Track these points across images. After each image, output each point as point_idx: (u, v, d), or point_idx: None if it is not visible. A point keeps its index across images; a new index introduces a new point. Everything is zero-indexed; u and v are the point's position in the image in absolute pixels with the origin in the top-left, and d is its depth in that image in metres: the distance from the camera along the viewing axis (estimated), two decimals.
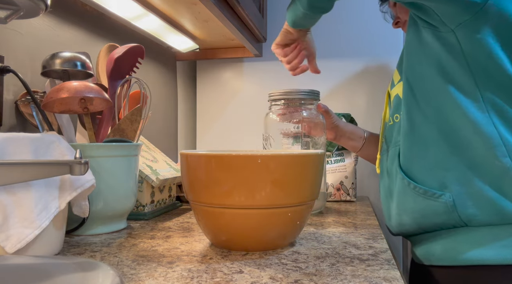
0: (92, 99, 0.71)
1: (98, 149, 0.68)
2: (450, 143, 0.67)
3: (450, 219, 0.68)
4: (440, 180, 0.68)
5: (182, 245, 0.63)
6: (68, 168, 0.49)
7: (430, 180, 0.69)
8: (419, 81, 0.71)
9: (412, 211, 0.72)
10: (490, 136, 0.64)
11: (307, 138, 0.92)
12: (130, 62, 0.80)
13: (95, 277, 0.35)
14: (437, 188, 0.68)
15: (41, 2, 0.47)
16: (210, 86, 1.54)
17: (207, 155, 0.57)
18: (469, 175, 0.66)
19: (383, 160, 0.83)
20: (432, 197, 0.68)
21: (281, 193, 0.56)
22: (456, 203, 0.66)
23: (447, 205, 0.67)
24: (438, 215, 0.68)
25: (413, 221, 0.73)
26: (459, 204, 0.66)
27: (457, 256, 0.67)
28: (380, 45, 1.37)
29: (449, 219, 0.68)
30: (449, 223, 0.68)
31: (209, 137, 1.54)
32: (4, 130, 0.73)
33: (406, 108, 0.72)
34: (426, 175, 0.70)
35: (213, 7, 0.93)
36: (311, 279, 0.47)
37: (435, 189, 0.68)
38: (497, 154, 0.63)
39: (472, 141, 0.65)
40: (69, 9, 0.90)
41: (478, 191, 0.65)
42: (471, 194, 0.66)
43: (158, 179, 0.85)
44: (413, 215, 0.72)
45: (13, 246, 0.49)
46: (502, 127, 0.64)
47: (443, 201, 0.67)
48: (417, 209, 0.71)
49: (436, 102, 0.68)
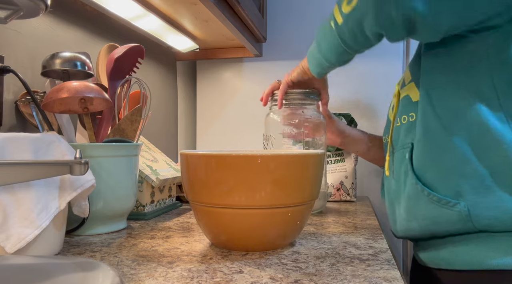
0: (92, 99, 0.71)
1: (98, 149, 0.68)
2: (467, 150, 0.65)
3: (464, 227, 0.66)
4: (455, 188, 0.66)
5: (182, 245, 0.63)
6: (68, 168, 0.49)
7: (445, 187, 0.67)
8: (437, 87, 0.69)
9: (423, 218, 0.70)
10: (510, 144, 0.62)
11: (308, 138, 0.92)
12: (130, 62, 0.80)
13: (95, 277, 0.35)
14: (451, 196, 0.66)
15: (41, 2, 0.47)
16: (210, 86, 1.54)
17: (207, 155, 0.57)
18: (487, 184, 0.63)
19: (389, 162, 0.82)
20: (446, 205, 0.66)
21: (281, 193, 0.56)
22: (471, 212, 0.64)
23: (461, 214, 0.65)
24: (452, 224, 0.67)
25: (423, 227, 0.71)
26: (474, 213, 0.64)
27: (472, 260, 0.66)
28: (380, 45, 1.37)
29: (463, 227, 0.66)
30: (462, 230, 0.67)
31: (209, 137, 1.54)
32: (4, 130, 0.73)
33: (422, 112, 0.70)
34: (441, 182, 0.67)
35: (213, 7, 0.93)
36: (311, 279, 0.47)
37: (450, 197, 0.66)
38: None
39: (490, 149, 0.63)
40: (69, 9, 0.90)
41: (495, 201, 0.63)
42: (488, 204, 0.63)
43: (158, 179, 0.85)
44: (424, 222, 0.70)
45: (13, 246, 0.49)
46: None
47: (457, 210, 0.65)
48: (428, 216, 0.69)
49: (454, 107, 0.66)
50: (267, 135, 0.93)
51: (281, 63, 1.46)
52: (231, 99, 1.52)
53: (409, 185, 0.71)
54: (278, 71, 1.46)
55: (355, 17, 0.66)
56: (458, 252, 0.68)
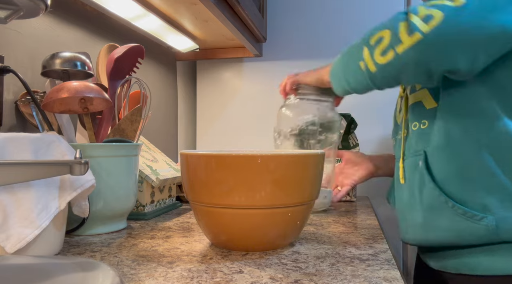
0: (92, 99, 0.71)
1: (98, 149, 0.68)
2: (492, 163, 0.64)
3: (490, 240, 0.65)
4: (482, 202, 0.64)
5: (182, 245, 0.63)
6: (68, 168, 0.49)
7: (471, 200, 0.65)
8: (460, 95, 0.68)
9: (446, 230, 0.68)
10: None
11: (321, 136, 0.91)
12: (130, 62, 0.80)
13: (95, 277, 0.35)
14: (479, 209, 0.65)
15: (41, 2, 0.47)
16: (210, 86, 1.54)
17: (207, 155, 0.57)
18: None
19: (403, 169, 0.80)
20: (472, 218, 0.65)
21: (281, 193, 0.56)
22: (499, 226, 0.63)
23: (488, 228, 0.64)
24: (477, 237, 0.65)
25: (443, 238, 0.70)
26: (503, 228, 0.63)
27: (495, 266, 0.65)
28: None
29: (489, 240, 0.65)
30: (486, 242, 0.66)
31: (209, 137, 1.54)
32: (4, 130, 0.73)
33: (443, 120, 0.69)
34: (467, 195, 0.66)
35: (213, 7, 0.93)
36: (311, 279, 0.47)
37: (477, 210, 0.65)
38: None
39: None
40: (69, 9, 0.90)
41: None
42: None
43: (158, 179, 0.85)
44: (447, 234, 0.69)
45: (13, 246, 0.49)
46: None
47: (484, 224, 0.64)
48: (452, 228, 0.67)
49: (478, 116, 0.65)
50: (278, 129, 0.92)
51: (281, 63, 1.46)
52: (231, 99, 1.52)
53: (429, 195, 0.70)
54: (278, 71, 1.46)
55: (391, 71, 0.65)
56: (481, 261, 0.67)
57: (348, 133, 1.13)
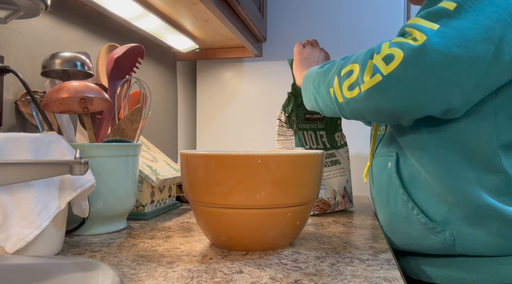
0: (92, 99, 0.71)
1: (98, 149, 0.68)
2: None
3: (446, 253, 0.65)
4: (444, 215, 0.64)
5: (182, 245, 0.63)
6: (68, 168, 0.49)
7: (433, 211, 0.65)
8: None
9: (408, 237, 0.68)
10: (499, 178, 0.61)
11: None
12: (130, 62, 0.80)
13: (95, 277, 0.35)
14: (440, 222, 0.64)
15: (41, 2, 0.47)
16: (210, 86, 1.54)
17: (207, 155, 0.57)
18: (479, 215, 0.61)
19: (369, 168, 0.81)
20: (432, 230, 0.65)
21: (281, 193, 0.56)
22: (456, 242, 0.63)
23: (446, 242, 0.64)
24: (435, 249, 0.65)
25: (404, 244, 0.70)
26: (459, 243, 0.63)
27: (453, 276, 0.66)
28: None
29: (445, 253, 0.65)
30: (444, 254, 0.66)
31: (209, 137, 1.54)
32: (4, 130, 0.73)
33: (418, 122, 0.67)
34: (430, 205, 0.65)
35: (213, 7, 0.93)
36: (311, 279, 0.47)
37: (438, 223, 0.64)
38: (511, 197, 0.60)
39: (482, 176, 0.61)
40: (69, 9, 0.90)
41: (485, 234, 0.61)
42: (477, 236, 0.61)
43: (158, 179, 0.85)
44: (407, 241, 0.69)
45: (13, 246, 0.49)
46: None
47: (442, 237, 0.64)
48: (413, 236, 0.67)
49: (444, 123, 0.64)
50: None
51: (281, 63, 1.46)
52: (231, 99, 1.52)
53: (395, 198, 0.70)
54: (278, 71, 1.46)
55: (356, 107, 0.64)
56: (439, 272, 0.67)
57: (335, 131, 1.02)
